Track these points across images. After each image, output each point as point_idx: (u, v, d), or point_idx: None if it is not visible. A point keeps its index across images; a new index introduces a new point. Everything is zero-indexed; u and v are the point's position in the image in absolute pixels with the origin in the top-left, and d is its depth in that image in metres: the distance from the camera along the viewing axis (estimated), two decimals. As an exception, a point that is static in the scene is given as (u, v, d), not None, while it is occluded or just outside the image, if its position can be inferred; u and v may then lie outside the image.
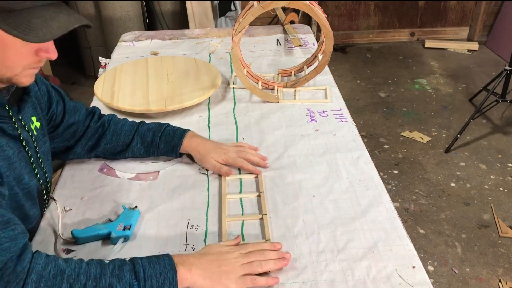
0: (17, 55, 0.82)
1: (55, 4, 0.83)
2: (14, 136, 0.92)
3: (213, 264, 0.88)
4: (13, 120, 0.92)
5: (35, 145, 1.00)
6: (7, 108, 0.90)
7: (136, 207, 1.06)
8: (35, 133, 1.01)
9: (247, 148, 1.25)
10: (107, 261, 0.83)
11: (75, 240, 0.98)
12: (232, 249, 0.93)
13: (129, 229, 0.99)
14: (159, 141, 1.20)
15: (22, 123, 0.95)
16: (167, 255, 0.86)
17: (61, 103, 1.14)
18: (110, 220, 1.03)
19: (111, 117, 1.24)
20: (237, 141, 1.34)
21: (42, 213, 1.07)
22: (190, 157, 1.24)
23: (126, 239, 0.99)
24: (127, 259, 0.84)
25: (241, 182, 1.17)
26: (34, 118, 1.01)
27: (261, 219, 1.05)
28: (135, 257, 0.85)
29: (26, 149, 0.96)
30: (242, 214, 1.07)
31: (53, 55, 0.86)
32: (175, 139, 1.20)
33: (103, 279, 0.79)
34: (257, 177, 1.18)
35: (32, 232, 1.01)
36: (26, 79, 0.87)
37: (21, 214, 0.95)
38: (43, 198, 1.06)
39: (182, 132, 1.22)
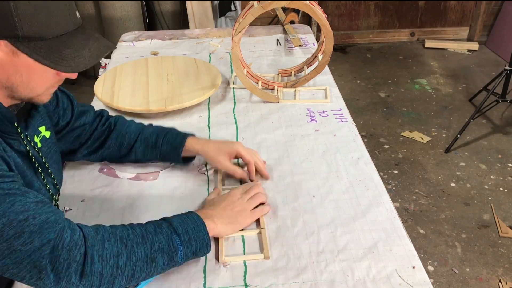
0: (42, 78, 0.82)
1: (81, 28, 0.84)
2: (21, 151, 0.91)
3: (227, 210, 1.00)
4: (21, 136, 0.91)
5: (44, 160, 0.98)
6: (15, 125, 0.88)
7: None
8: (39, 145, 0.99)
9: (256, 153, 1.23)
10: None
11: None
12: (232, 192, 1.05)
13: None
14: (162, 141, 1.18)
15: (28, 138, 0.93)
16: (192, 212, 0.94)
17: (69, 108, 1.13)
18: None
19: (118, 118, 1.23)
20: (237, 141, 1.34)
21: None
22: (190, 159, 1.23)
23: None
24: (160, 220, 0.91)
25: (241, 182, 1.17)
26: (43, 128, 1.00)
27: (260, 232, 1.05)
28: (168, 217, 0.92)
29: (36, 165, 0.95)
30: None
31: (74, 75, 0.86)
32: (177, 139, 1.18)
33: (150, 236, 0.85)
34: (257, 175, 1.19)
35: None
36: (46, 97, 0.88)
37: None
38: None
39: (186, 134, 1.20)
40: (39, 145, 0.98)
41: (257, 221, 1.04)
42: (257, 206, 1.04)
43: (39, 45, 0.77)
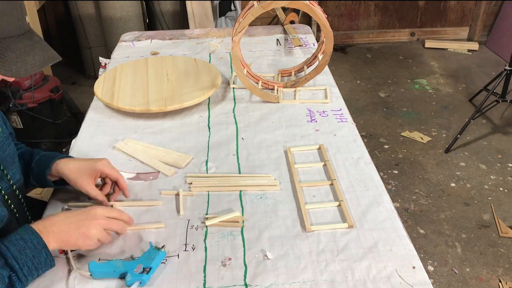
0: None
1: (29, 34, 0.81)
2: None
3: (74, 226, 0.91)
4: None
5: None
6: None
7: (163, 247, 0.95)
8: None
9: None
10: None
11: (90, 274, 0.90)
12: (94, 210, 0.94)
13: (147, 273, 0.89)
14: (33, 164, 1.10)
15: None
16: (31, 231, 0.87)
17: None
18: (132, 258, 0.95)
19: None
20: (237, 141, 1.33)
21: (16, 217, 1.05)
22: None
23: (142, 283, 0.89)
24: None
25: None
26: None
27: (339, 205, 1.09)
28: (2, 246, 0.85)
29: None
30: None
31: (10, 78, 0.84)
32: (47, 162, 1.08)
33: None
34: (324, 165, 1.21)
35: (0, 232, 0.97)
36: None
37: None
38: (12, 201, 1.03)
39: (57, 156, 1.09)
40: None
41: (335, 193, 1.10)
42: None
43: None
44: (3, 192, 1.01)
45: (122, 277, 0.90)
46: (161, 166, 1.23)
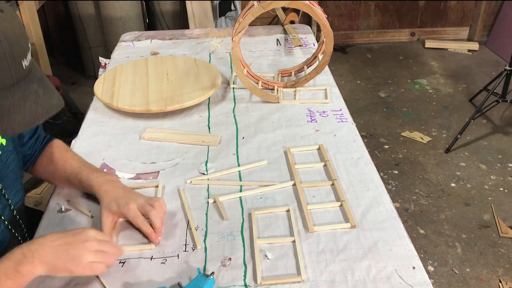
0: None
1: (22, 85, 0.72)
2: None
3: (63, 249, 0.84)
4: None
5: None
6: None
7: (212, 274, 0.89)
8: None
9: (157, 207, 1.01)
10: None
11: None
12: (85, 233, 0.87)
13: None
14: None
15: None
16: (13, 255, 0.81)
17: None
18: (179, 285, 0.90)
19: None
20: (237, 141, 1.33)
21: (19, 239, 1.02)
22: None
23: None
24: None
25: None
26: None
27: (341, 205, 1.09)
28: None
29: None
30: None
31: None
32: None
33: None
34: (325, 165, 1.21)
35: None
36: None
37: None
38: (12, 224, 1.00)
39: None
40: None
41: (336, 193, 1.10)
42: None
43: None
44: (3, 217, 0.97)
45: None
46: (204, 138, 1.32)
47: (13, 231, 1.01)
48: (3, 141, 0.98)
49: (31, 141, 1.13)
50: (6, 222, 0.99)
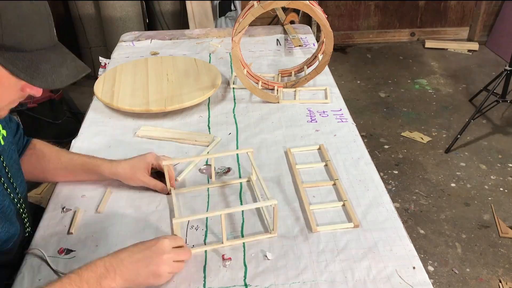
0: (7, 91, 0.78)
1: (59, 46, 0.81)
2: None
3: (143, 265, 0.86)
4: None
5: (1, 159, 0.96)
6: None
7: None
8: (2, 142, 0.98)
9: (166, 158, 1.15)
10: None
11: None
12: (160, 243, 0.88)
13: None
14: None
15: None
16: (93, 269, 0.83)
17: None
18: None
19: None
20: (237, 141, 1.34)
21: (24, 229, 1.04)
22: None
23: None
24: None
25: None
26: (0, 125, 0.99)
27: (343, 205, 1.09)
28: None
29: None
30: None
31: (38, 93, 0.82)
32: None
33: None
34: (325, 165, 1.22)
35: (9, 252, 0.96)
36: (4, 112, 0.84)
37: None
38: (20, 216, 1.03)
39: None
40: (2, 142, 0.97)
41: (338, 192, 1.11)
42: None
43: (17, 56, 0.73)
44: (17, 206, 0.99)
45: None
46: (198, 137, 1.33)
47: (22, 218, 1.03)
48: (4, 132, 1.00)
49: (15, 138, 1.13)
50: (19, 211, 1.01)
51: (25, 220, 1.05)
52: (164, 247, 0.88)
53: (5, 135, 1.00)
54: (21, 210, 1.03)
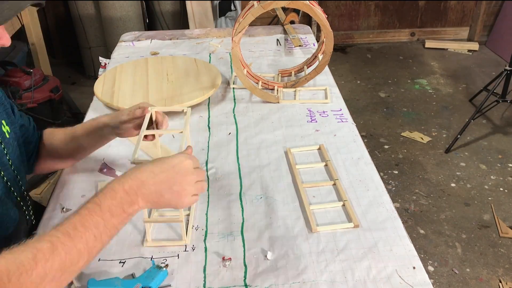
0: None
1: None
2: None
3: (167, 187, 0.82)
4: None
5: (5, 151, 0.97)
6: None
7: (166, 266, 0.91)
8: (7, 136, 0.99)
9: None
10: None
11: None
12: (184, 163, 0.84)
13: None
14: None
15: None
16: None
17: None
18: (133, 276, 0.91)
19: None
20: (237, 141, 1.33)
21: (27, 219, 1.06)
22: None
23: None
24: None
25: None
26: (4, 122, 1.00)
27: (343, 205, 1.08)
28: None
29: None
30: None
31: (6, 41, 0.79)
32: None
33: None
34: (326, 165, 1.21)
35: (9, 238, 0.96)
36: None
37: None
38: (20, 201, 1.04)
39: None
40: (7, 135, 0.98)
41: (338, 192, 1.11)
42: None
43: None
44: (16, 194, 1.02)
45: None
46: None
47: (23, 209, 1.05)
48: (8, 128, 1.01)
49: (30, 128, 1.16)
50: (19, 199, 1.03)
51: (25, 207, 1.06)
52: (188, 167, 0.84)
53: (9, 130, 1.02)
54: (24, 199, 1.05)
